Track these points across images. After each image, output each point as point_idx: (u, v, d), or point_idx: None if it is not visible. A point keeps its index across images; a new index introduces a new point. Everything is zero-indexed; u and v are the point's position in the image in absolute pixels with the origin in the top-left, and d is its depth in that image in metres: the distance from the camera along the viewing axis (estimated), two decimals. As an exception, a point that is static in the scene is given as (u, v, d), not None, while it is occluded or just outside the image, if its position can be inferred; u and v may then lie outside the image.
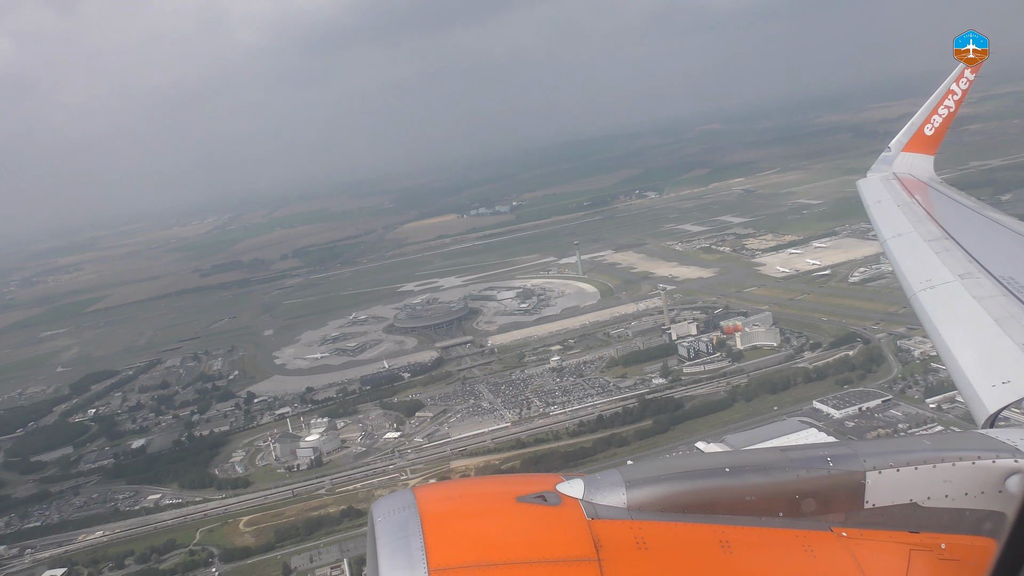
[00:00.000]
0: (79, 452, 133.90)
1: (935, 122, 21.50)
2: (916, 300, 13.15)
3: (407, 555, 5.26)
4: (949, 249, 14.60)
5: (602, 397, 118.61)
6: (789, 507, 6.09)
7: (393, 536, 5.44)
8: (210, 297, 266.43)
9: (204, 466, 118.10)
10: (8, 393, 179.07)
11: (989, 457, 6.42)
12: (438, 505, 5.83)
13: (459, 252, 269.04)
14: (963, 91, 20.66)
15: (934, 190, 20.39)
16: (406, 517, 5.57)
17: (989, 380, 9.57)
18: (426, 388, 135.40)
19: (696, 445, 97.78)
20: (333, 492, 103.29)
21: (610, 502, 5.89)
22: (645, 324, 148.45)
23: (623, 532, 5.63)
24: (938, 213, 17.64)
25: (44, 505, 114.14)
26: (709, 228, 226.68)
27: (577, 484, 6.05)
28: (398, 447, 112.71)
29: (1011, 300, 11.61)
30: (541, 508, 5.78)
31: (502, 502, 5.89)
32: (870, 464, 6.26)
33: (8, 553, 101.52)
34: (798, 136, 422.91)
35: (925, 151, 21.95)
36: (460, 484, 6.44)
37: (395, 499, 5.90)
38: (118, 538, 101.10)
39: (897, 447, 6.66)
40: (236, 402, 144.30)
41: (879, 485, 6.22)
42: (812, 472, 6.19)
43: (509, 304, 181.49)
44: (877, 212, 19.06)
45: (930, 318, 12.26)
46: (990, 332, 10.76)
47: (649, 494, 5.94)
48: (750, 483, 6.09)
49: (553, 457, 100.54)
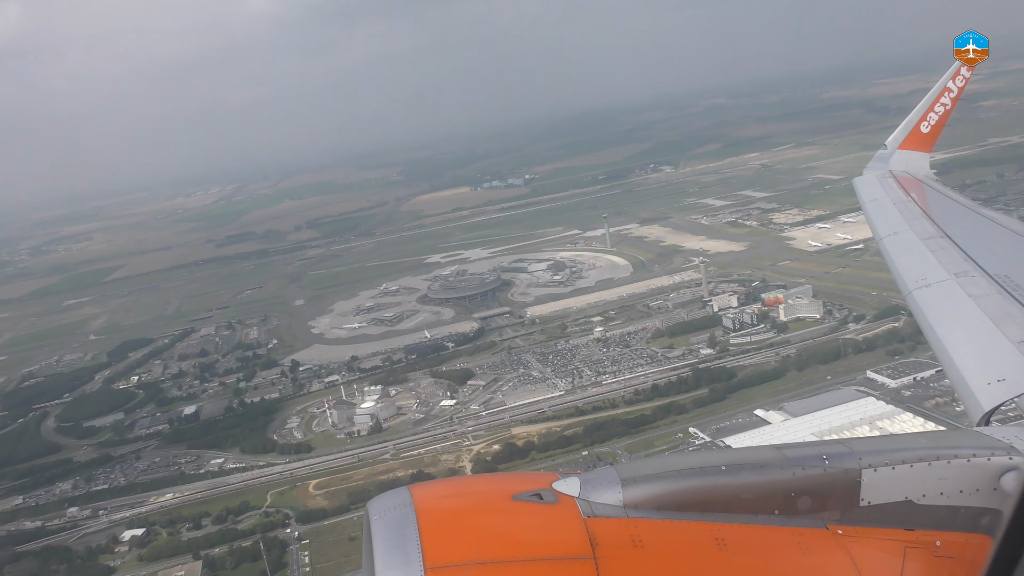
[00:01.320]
0: (130, 418, 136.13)
1: (931, 119, 21.52)
2: (912, 298, 13.27)
3: (403, 553, 5.29)
4: (944, 247, 14.64)
5: (652, 367, 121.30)
6: (785, 505, 6.13)
7: (389, 534, 5.47)
8: (230, 267, 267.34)
9: (261, 432, 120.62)
10: (45, 360, 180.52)
11: (984, 454, 6.44)
12: (434, 503, 5.87)
13: (479, 224, 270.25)
14: (959, 88, 20.69)
15: (930, 188, 20.41)
16: (402, 515, 5.60)
17: (984, 378, 9.62)
18: (472, 358, 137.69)
19: (755, 412, 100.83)
20: (398, 457, 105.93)
21: (606, 500, 5.93)
22: (684, 296, 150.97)
23: (619, 530, 5.66)
24: (934, 211, 17.60)
25: (107, 469, 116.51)
26: (732, 202, 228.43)
27: (573, 482, 6.09)
28: (455, 414, 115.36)
29: (1006, 298, 11.64)
30: (537, 506, 5.81)
31: (498, 500, 5.93)
32: (866, 462, 6.30)
33: (81, 515, 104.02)
34: (808, 111, 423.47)
35: (921, 149, 21.96)
36: (456, 482, 6.15)
37: (391, 497, 5.94)
38: (188, 500, 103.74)
39: (892, 445, 6.67)
40: (281, 370, 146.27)
41: (875, 483, 6.25)
42: (808, 470, 6.23)
43: (541, 276, 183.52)
44: (873, 210, 19.09)
45: (925, 316, 12.36)
46: (985, 330, 10.78)
47: (645, 492, 5.98)
48: (746, 481, 6.13)
49: (614, 424, 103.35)
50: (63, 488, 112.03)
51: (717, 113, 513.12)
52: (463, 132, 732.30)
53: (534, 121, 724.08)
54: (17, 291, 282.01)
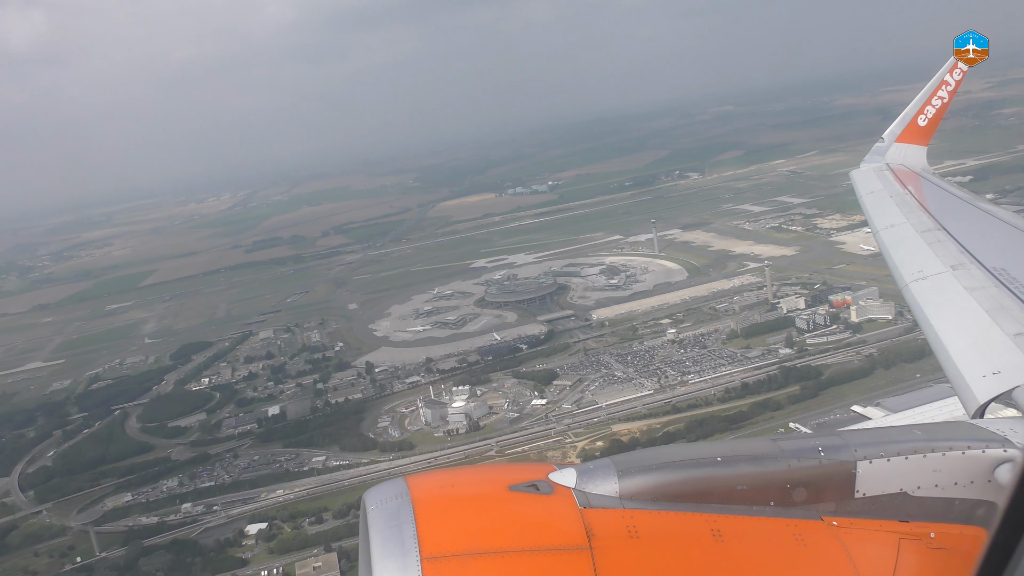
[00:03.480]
0: (212, 418, 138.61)
1: (928, 113, 21.70)
2: (908, 291, 13.37)
3: (399, 543, 5.36)
4: (941, 240, 14.72)
5: (734, 366, 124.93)
6: (780, 496, 6.21)
7: (385, 524, 5.54)
8: (267, 272, 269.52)
9: (355, 430, 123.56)
10: (107, 363, 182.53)
11: (979, 447, 6.51)
12: (430, 494, 5.94)
13: (515, 230, 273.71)
14: (956, 82, 20.89)
15: (927, 181, 20.57)
16: (398, 505, 5.69)
17: (979, 370, 9.70)
18: (548, 359, 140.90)
19: (852, 408, 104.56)
20: (503, 453, 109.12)
21: (602, 491, 6.00)
22: (747, 299, 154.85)
23: (615, 521, 5.73)
24: (930, 204, 17.78)
25: (206, 467, 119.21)
26: (770, 208, 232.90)
27: (569, 473, 6.18)
28: (548, 413, 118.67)
29: (1002, 291, 11.71)
30: (533, 497, 5.89)
31: (494, 491, 6.00)
32: (861, 454, 6.38)
33: (194, 510, 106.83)
34: (822, 119, 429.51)
35: (918, 142, 22.12)
36: (452, 473, 6.71)
37: (387, 488, 6.01)
38: (301, 496, 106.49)
39: (888, 437, 6.72)
40: (356, 372, 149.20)
41: (870, 475, 6.33)
42: (803, 462, 6.32)
43: (596, 280, 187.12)
44: (870, 203, 19.15)
45: (921, 309, 12.48)
46: (981, 323, 10.86)
47: (641, 483, 6.06)
48: (742, 472, 6.21)
49: (713, 421, 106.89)
50: (168, 485, 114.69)
51: (728, 121, 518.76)
52: (470, 139, 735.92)
53: (541, 128, 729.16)
54: (53, 296, 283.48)
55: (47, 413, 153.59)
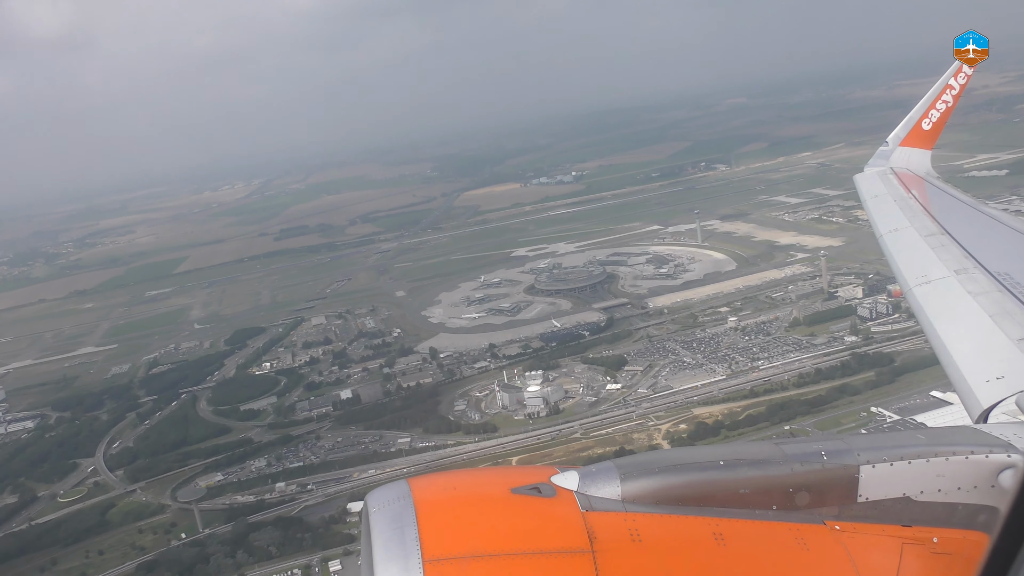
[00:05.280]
0: (282, 401, 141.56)
1: (933, 117, 21.63)
2: (912, 295, 13.38)
3: (401, 545, 5.38)
4: (945, 244, 14.67)
5: (802, 353, 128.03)
6: (783, 500, 6.21)
7: (387, 526, 5.56)
8: (302, 260, 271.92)
9: (433, 413, 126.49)
10: (162, 348, 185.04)
11: (982, 452, 6.50)
12: (433, 496, 5.95)
13: (549, 220, 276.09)
14: (961, 86, 20.89)
15: (931, 185, 20.50)
16: (401, 508, 5.70)
17: (983, 375, 9.68)
18: (612, 346, 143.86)
19: (931, 394, 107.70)
20: (588, 435, 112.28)
21: (605, 494, 5.99)
22: (803, 288, 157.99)
23: (617, 524, 5.72)
24: (934, 208, 17.70)
25: (291, 448, 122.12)
26: (806, 200, 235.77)
27: (572, 476, 6.16)
28: (626, 397, 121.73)
29: (1006, 296, 11.69)
30: (535, 500, 5.90)
31: (496, 493, 6.01)
32: (864, 458, 6.37)
33: (288, 489, 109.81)
34: (841, 112, 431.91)
35: (923, 146, 22.07)
36: (454, 475, 6.67)
37: (390, 490, 6.04)
38: (392, 476, 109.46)
39: (891, 441, 6.73)
40: (421, 357, 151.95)
41: (872, 479, 6.31)
42: (806, 466, 6.31)
43: (643, 269, 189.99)
44: (874, 207, 19.16)
45: (925, 313, 12.49)
46: (985, 328, 10.84)
47: (644, 487, 6.04)
48: (744, 476, 6.21)
49: (794, 404, 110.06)
50: (257, 466, 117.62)
51: (743, 113, 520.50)
52: (480, 129, 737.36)
53: (551, 118, 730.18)
54: (87, 283, 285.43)
55: (114, 396, 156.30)
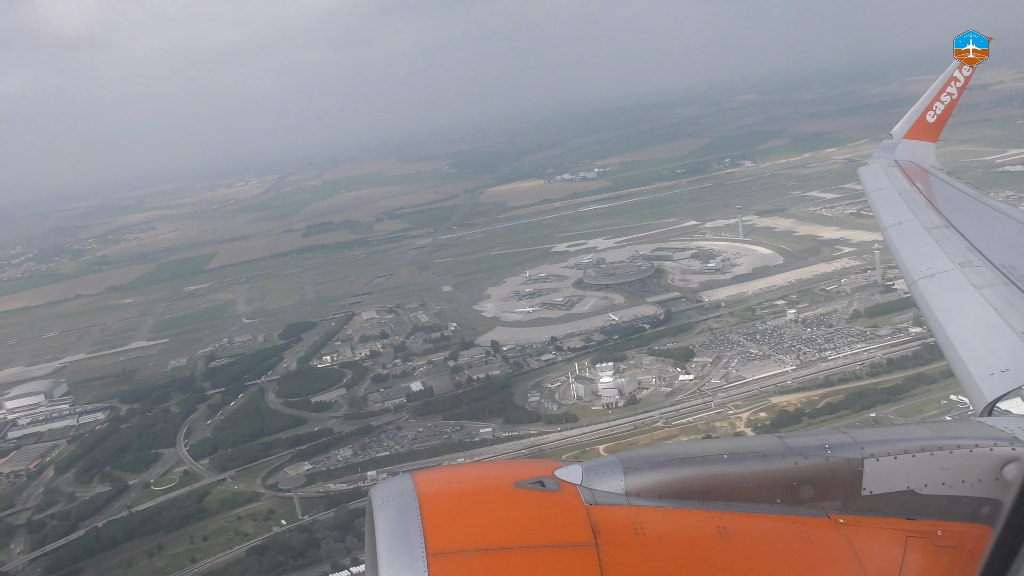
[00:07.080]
0: (351, 393, 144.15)
1: (937, 109, 21.82)
2: (916, 288, 13.31)
3: (405, 539, 5.44)
4: (949, 237, 14.64)
5: (868, 343, 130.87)
6: (787, 494, 6.23)
7: (392, 520, 5.61)
8: (337, 256, 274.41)
9: (509, 404, 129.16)
10: (216, 342, 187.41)
11: (987, 445, 6.48)
12: (437, 490, 6.00)
13: (582, 216, 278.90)
14: (965, 79, 21.06)
15: (935, 178, 20.49)
16: (405, 502, 5.75)
17: (988, 368, 9.69)
18: (676, 338, 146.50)
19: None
20: (669, 424, 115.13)
21: (608, 488, 6.03)
22: (855, 281, 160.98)
23: (621, 518, 5.77)
24: (939, 201, 17.70)
25: (373, 437, 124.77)
26: (841, 195, 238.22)
27: (575, 470, 6.22)
28: (700, 387, 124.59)
29: (1011, 288, 11.71)
30: (539, 493, 5.93)
31: (500, 487, 6.04)
32: (868, 452, 6.38)
33: (379, 477, 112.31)
34: (857, 108, 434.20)
35: (927, 138, 22.23)
36: (458, 469, 6.38)
37: (394, 484, 6.07)
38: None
39: (895, 435, 6.72)
40: (484, 350, 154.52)
41: (876, 472, 6.33)
42: (810, 459, 6.32)
43: (690, 264, 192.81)
44: (878, 199, 19.14)
45: (929, 306, 12.45)
46: (989, 320, 10.86)
47: (647, 480, 6.08)
48: (748, 470, 6.22)
49: (873, 393, 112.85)
50: (342, 455, 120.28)
51: (756, 109, 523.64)
52: (492, 126, 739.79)
53: (562, 115, 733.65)
54: (119, 279, 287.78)
55: (179, 389, 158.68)
